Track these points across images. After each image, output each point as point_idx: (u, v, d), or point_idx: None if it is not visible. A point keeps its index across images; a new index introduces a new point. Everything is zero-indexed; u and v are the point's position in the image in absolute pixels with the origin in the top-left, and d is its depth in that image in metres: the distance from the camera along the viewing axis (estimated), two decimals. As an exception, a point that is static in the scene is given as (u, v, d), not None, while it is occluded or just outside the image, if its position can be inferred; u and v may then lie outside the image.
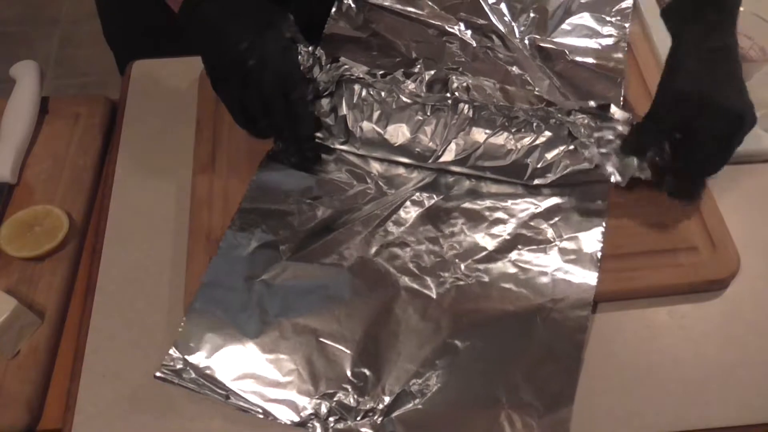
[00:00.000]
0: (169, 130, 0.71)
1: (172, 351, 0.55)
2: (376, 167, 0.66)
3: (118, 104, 0.76)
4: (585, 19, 0.75)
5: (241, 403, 0.53)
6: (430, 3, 0.75)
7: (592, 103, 0.64)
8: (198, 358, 0.55)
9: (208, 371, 0.54)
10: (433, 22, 0.74)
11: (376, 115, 0.66)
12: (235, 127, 0.69)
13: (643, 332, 0.58)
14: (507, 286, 0.58)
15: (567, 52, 0.72)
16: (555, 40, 0.73)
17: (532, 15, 0.75)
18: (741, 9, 0.75)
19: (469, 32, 0.74)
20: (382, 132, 0.66)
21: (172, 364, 0.55)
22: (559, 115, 0.63)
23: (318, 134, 0.67)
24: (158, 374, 0.54)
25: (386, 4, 0.74)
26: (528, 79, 0.70)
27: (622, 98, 0.69)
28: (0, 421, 0.54)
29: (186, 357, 0.55)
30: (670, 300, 0.59)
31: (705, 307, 0.59)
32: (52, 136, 0.73)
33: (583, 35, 0.74)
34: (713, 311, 0.59)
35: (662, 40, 0.75)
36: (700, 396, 0.55)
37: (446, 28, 0.74)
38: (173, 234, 0.64)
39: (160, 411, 0.55)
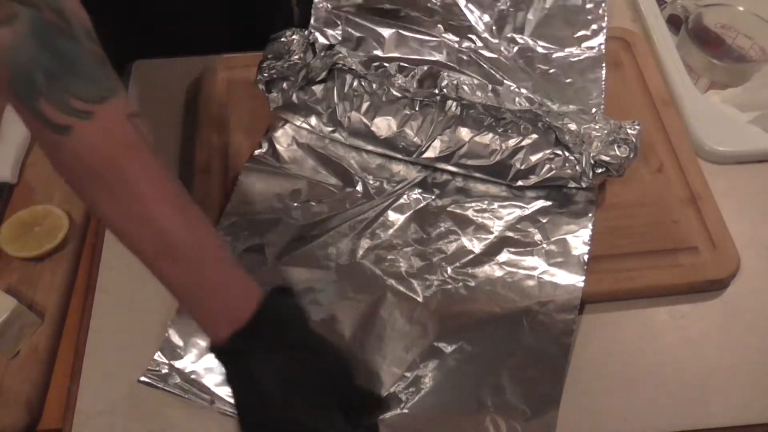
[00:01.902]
0: (169, 130, 0.71)
1: (158, 356, 0.55)
2: (364, 169, 0.66)
3: (118, 104, 0.76)
4: (561, 12, 0.74)
5: (226, 408, 0.53)
6: (405, 10, 0.74)
7: (573, 107, 0.65)
8: (184, 363, 0.55)
9: (193, 376, 0.54)
10: (415, 27, 0.73)
11: (365, 106, 0.66)
12: (236, 127, 0.69)
13: (643, 332, 0.58)
14: (493, 289, 0.58)
15: (546, 49, 0.72)
16: (534, 37, 0.73)
17: (509, 11, 0.74)
18: (741, 9, 0.76)
19: (449, 35, 0.73)
20: (369, 124, 0.65)
21: (157, 369, 0.54)
22: (547, 119, 0.62)
23: (310, 122, 0.67)
24: (143, 379, 0.54)
25: (361, 21, 0.73)
26: (510, 82, 0.70)
27: (603, 94, 0.69)
28: (0, 421, 0.54)
29: (171, 362, 0.54)
30: (670, 300, 0.59)
31: (705, 307, 0.59)
32: (52, 136, 0.73)
33: (561, 30, 0.74)
34: (713, 311, 0.59)
35: (662, 40, 0.75)
36: (700, 396, 0.55)
37: (428, 33, 0.73)
38: (173, 234, 0.64)
39: (160, 411, 0.55)
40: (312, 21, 0.72)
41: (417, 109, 0.65)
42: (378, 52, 0.72)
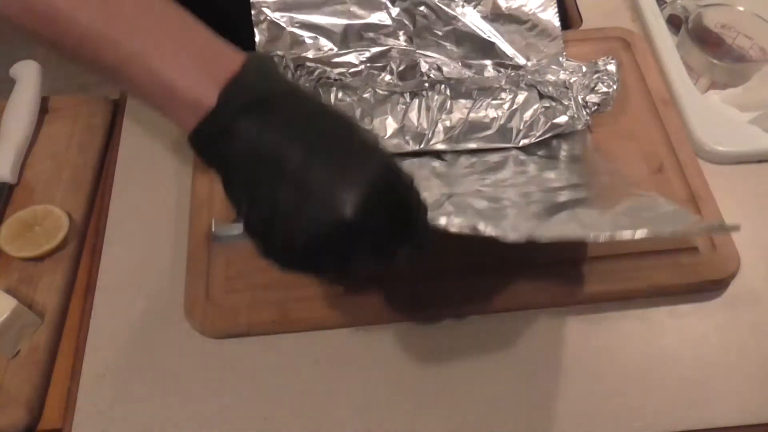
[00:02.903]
0: (170, 130, 0.71)
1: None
2: None
3: (118, 104, 0.76)
4: None
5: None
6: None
7: (543, 61, 0.68)
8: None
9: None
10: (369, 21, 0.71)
11: (357, 113, 0.65)
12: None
13: (643, 332, 0.58)
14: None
15: (501, 5, 0.71)
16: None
17: None
18: (741, 9, 0.76)
19: (397, 10, 0.70)
20: (369, 129, 0.65)
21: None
22: (529, 77, 0.65)
23: None
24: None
25: (305, 18, 0.70)
26: (476, 32, 0.69)
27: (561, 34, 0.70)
28: (0, 421, 0.54)
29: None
30: (670, 300, 0.59)
31: (705, 307, 0.59)
32: (52, 136, 0.73)
33: None
34: (713, 311, 0.59)
35: (662, 40, 0.75)
36: (700, 396, 0.55)
37: (378, 20, 0.71)
38: (173, 234, 0.64)
39: (159, 409, 0.55)
40: (257, 37, 0.69)
41: (409, 100, 0.65)
42: (333, 49, 0.70)
